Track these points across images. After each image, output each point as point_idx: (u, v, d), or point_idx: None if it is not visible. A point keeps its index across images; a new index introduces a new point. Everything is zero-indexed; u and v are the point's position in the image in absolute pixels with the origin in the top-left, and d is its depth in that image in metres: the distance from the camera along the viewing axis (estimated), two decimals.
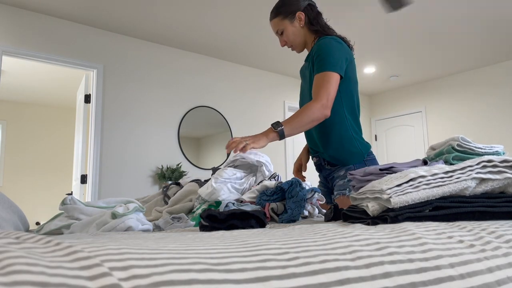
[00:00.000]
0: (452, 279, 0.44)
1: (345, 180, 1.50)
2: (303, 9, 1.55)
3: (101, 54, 3.79)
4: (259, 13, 3.57)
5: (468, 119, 5.31)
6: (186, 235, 0.65)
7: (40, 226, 1.15)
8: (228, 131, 4.62)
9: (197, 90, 4.45)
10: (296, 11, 1.54)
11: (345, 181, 1.50)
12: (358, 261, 0.42)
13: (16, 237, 0.37)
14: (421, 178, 0.75)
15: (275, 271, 0.36)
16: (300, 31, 1.56)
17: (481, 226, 0.63)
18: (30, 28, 3.39)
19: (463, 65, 5.11)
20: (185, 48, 4.33)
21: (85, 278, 0.28)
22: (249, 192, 1.31)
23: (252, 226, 0.89)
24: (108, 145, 3.71)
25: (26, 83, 5.21)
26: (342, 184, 1.51)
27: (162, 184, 3.96)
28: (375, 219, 0.77)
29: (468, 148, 0.92)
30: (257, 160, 1.46)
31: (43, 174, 6.17)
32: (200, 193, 1.33)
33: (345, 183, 1.50)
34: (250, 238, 0.50)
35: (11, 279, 0.25)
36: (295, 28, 1.55)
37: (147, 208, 1.58)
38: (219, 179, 1.35)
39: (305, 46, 1.63)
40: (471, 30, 4.05)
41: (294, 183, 1.20)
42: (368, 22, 3.83)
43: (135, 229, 1.07)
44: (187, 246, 0.40)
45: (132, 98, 3.94)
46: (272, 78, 5.22)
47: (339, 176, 1.53)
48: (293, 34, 1.56)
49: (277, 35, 1.60)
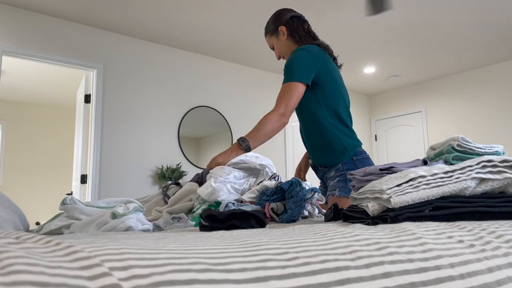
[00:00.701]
0: (452, 279, 0.44)
1: (335, 181, 1.54)
2: (285, 23, 1.67)
3: (101, 54, 3.79)
4: (259, 13, 3.57)
5: (468, 119, 5.31)
6: (186, 235, 0.65)
7: (40, 226, 1.15)
8: (228, 131, 4.62)
9: (197, 90, 4.45)
10: (278, 26, 1.67)
11: (335, 181, 1.54)
12: (358, 261, 0.42)
13: (16, 237, 0.37)
14: (421, 178, 0.75)
15: (275, 271, 0.36)
16: (285, 43, 1.68)
17: (481, 226, 0.63)
18: (30, 28, 3.40)
19: (463, 65, 5.11)
20: (185, 48, 4.33)
21: (85, 278, 0.28)
22: (249, 192, 1.31)
23: (252, 226, 0.89)
24: (108, 145, 3.71)
25: (26, 83, 5.21)
26: (332, 185, 1.55)
27: (162, 184, 3.96)
28: (375, 219, 0.77)
29: (468, 148, 0.92)
30: (260, 164, 1.47)
31: (43, 174, 6.17)
32: (200, 193, 1.33)
33: (335, 183, 1.54)
34: (250, 238, 0.50)
35: (11, 279, 0.25)
36: (281, 42, 1.68)
37: (147, 208, 1.58)
38: (219, 179, 1.35)
39: None
40: (471, 30, 4.05)
41: (294, 183, 1.20)
42: (368, 22, 3.83)
43: (135, 229, 1.07)
44: (187, 246, 0.40)
45: (132, 98, 3.94)
46: (272, 78, 5.22)
47: (330, 177, 1.59)
48: (280, 47, 1.70)
49: (272, 49, 1.75)
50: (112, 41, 3.87)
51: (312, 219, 1.24)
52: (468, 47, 4.51)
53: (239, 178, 1.42)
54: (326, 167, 1.61)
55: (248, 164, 1.47)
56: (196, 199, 1.42)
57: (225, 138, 4.59)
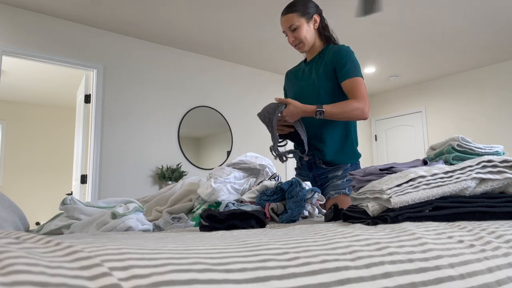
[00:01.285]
0: (452, 279, 0.44)
1: (344, 180, 1.58)
2: (321, 14, 1.68)
3: (101, 54, 3.79)
4: (259, 13, 3.57)
5: (468, 119, 5.31)
6: (186, 235, 0.65)
7: (40, 226, 1.15)
8: (228, 131, 4.62)
9: (197, 90, 4.45)
10: (314, 13, 1.66)
11: (344, 180, 1.58)
12: (358, 261, 0.42)
13: (16, 237, 0.37)
14: (421, 178, 0.75)
15: (275, 271, 0.36)
16: (313, 32, 1.67)
17: (481, 226, 0.63)
18: (30, 28, 3.40)
19: (463, 65, 5.11)
20: (185, 48, 4.33)
21: (85, 278, 0.28)
22: (249, 192, 1.31)
23: (252, 226, 0.89)
24: (108, 145, 3.71)
25: (26, 83, 5.21)
26: (340, 184, 1.58)
27: (162, 184, 3.96)
28: (375, 219, 0.77)
29: (468, 148, 0.92)
30: (260, 164, 1.47)
31: (43, 174, 6.17)
32: (200, 193, 1.33)
33: (343, 182, 1.58)
34: (250, 238, 0.50)
35: (11, 279, 0.25)
36: (310, 28, 1.65)
37: (147, 208, 1.58)
38: (219, 179, 1.35)
39: (311, 48, 1.70)
40: (471, 30, 4.05)
41: (294, 183, 1.20)
42: (368, 22, 3.83)
43: (135, 229, 1.07)
44: (187, 246, 0.40)
45: (132, 98, 3.94)
46: (272, 78, 5.22)
47: (336, 176, 1.60)
48: (307, 33, 1.65)
49: (288, 30, 1.65)
50: (112, 41, 3.87)
51: (312, 219, 1.24)
52: (468, 47, 4.51)
53: (239, 178, 1.42)
54: (333, 165, 1.61)
55: (248, 164, 1.47)
56: (196, 199, 1.42)
57: (225, 138, 4.59)
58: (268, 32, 3.99)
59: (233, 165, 1.50)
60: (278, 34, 4.02)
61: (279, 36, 4.09)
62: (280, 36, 4.09)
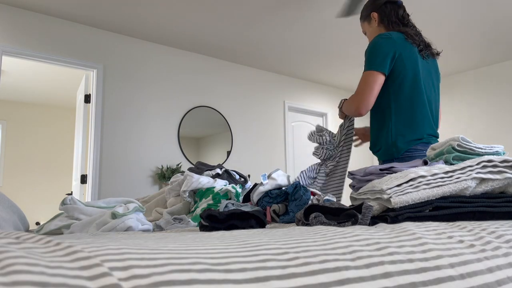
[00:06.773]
0: (452, 279, 0.44)
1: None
2: (378, 8, 1.62)
3: (101, 54, 3.79)
4: (259, 13, 3.57)
5: (468, 119, 5.31)
6: (186, 235, 0.65)
7: (40, 226, 1.15)
8: (228, 131, 4.62)
9: (197, 90, 4.45)
10: (370, 12, 1.64)
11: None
12: (358, 261, 0.42)
13: (16, 237, 0.37)
14: (421, 178, 0.75)
15: (275, 271, 0.36)
16: (375, 30, 1.64)
17: (481, 226, 0.63)
18: (30, 28, 3.39)
19: (463, 65, 5.11)
20: (185, 48, 4.33)
21: (85, 278, 0.28)
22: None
23: (252, 226, 0.89)
24: (108, 145, 3.71)
25: (26, 83, 5.21)
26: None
27: (162, 184, 3.96)
28: (375, 219, 0.77)
29: (468, 148, 0.92)
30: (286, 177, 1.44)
31: (43, 174, 6.16)
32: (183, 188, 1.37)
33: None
34: (250, 238, 0.50)
35: (11, 279, 0.25)
36: (372, 28, 1.65)
37: (147, 208, 1.58)
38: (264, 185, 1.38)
39: None
40: (470, 30, 4.05)
41: (298, 187, 1.20)
42: None
43: (135, 229, 1.07)
44: (187, 246, 0.40)
45: (132, 98, 3.93)
46: (272, 78, 5.21)
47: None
48: (370, 34, 1.66)
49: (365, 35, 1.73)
50: (112, 41, 3.87)
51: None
52: (468, 47, 4.51)
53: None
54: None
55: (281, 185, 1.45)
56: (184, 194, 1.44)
57: (225, 138, 4.59)
58: (268, 32, 3.99)
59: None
60: (278, 34, 4.02)
61: (279, 36, 4.09)
62: (280, 36, 4.09)
